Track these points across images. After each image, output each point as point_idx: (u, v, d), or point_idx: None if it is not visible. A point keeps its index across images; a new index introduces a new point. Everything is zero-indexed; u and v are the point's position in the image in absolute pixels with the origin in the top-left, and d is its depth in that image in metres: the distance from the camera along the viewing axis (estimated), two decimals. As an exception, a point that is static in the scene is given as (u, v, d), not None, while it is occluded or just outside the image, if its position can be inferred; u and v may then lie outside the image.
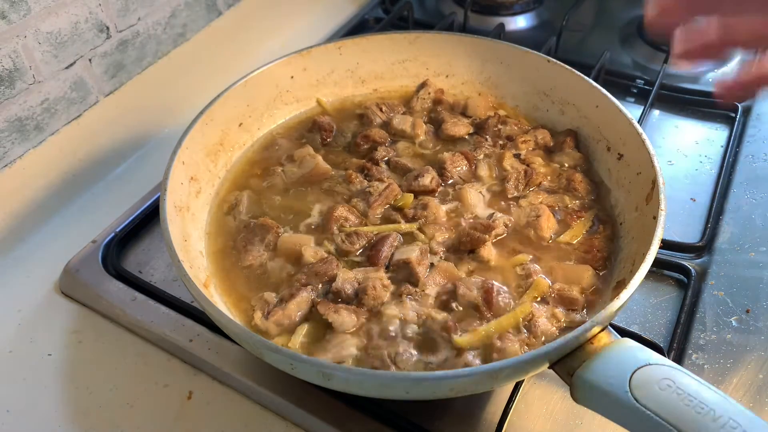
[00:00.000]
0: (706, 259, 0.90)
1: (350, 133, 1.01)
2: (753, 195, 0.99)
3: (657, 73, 1.16)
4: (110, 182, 1.07)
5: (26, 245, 0.96)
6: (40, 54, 0.95)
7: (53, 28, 0.96)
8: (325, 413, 0.73)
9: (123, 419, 0.76)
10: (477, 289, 0.74)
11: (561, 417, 0.74)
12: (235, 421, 0.76)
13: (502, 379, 0.64)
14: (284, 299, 0.74)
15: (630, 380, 0.57)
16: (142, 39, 1.11)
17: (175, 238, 0.74)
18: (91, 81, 1.04)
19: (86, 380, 0.80)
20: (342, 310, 0.73)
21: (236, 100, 0.95)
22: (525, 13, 1.41)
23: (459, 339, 0.70)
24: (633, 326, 0.82)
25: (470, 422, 0.74)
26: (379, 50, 1.06)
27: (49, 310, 0.88)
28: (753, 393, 0.75)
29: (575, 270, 0.78)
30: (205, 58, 1.22)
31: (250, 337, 0.64)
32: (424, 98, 1.05)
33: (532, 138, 0.96)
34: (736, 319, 0.83)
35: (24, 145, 0.97)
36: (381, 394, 0.64)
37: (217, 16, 1.25)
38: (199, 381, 0.80)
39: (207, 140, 0.91)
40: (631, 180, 0.84)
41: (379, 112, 1.03)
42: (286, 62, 1.00)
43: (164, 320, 0.83)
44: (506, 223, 0.84)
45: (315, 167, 0.93)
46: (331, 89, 1.06)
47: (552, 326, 0.72)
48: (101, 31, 1.03)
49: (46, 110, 0.99)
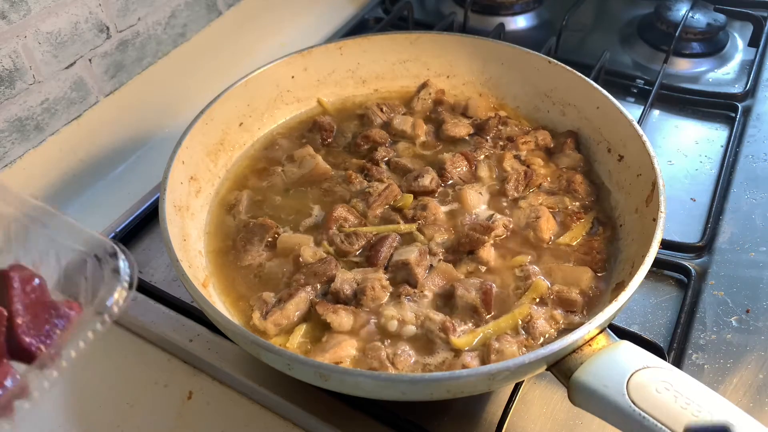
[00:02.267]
0: (706, 259, 0.90)
1: (351, 134, 1.01)
2: (753, 195, 0.98)
3: (657, 73, 1.16)
4: (110, 182, 1.07)
5: (26, 245, 0.96)
6: (40, 54, 0.95)
7: (53, 28, 0.96)
8: (325, 413, 0.73)
9: (123, 419, 0.76)
10: (476, 290, 0.74)
11: (561, 417, 0.74)
12: (235, 421, 0.76)
13: (499, 381, 0.64)
14: (283, 299, 0.74)
15: (627, 383, 0.57)
16: (142, 39, 1.11)
17: (175, 238, 0.74)
18: (91, 81, 1.04)
19: (86, 380, 0.80)
20: (340, 310, 0.73)
21: (236, 100, 0.95)
22: (525, 13, 1.40)
23: (457, 340, 0.70)
24: (633, 326, 0.82)
25: (470, 422, 0.74)
26: (379, 50, 1.06)
27: (49, 310, 0.88)
28: (753, 393, 0.75)
29: (574, 272, 0.78)
30: (205, 58, 1.22)
31: (247, 337, 0.64)
32: (425, 99, 1.05)
33: (532, 139, 0.96)
34: (736, 319, 0.83)
35: (24, 145, 0.97)
36: (378, 395, 0.64)
37: (217, 16, 1.25)
38: (199, 381, 0.80)
39: (207, 140, 0.91)
40: (632, 182, 0.84)
41: (380, 112, 1.03)
42: (287, 62, 1.00)
43: (164, 320, 0.83)
44: (506, 225, 0.84)
45: (315, 167, 0.93)
46: (331, 89, 1.06)
47: (550, 328, 0.72)
48: (101, 31, 1.03)
49: (46, 110, 0.99)
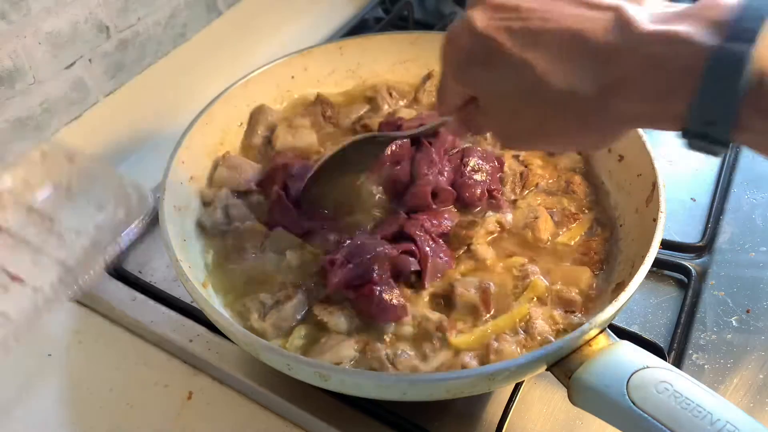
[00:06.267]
0: (706, 259, 0.90)
1: (355, 116, 1.00)
2: (753, 195, 0.98)
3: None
4: (110, 182, 1.07)
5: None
6: (40, 54, 0.95)
7: (53, 28, 0.96)
8: (325, 413, 0.73)
9: (123, 419, 0.76)
10: (475, 289, 0.74)
11: (561, 417, 0.74)
12: (235, 421, 0.76)
13: (499, 382, 0.64)
14: (280, 301, 0.74)
15: (627, 383, 0.57)
16: (142, 39, 1.10)
17: (174, 238, 0.75)
18: (91, 81, 1.04)
19: (86, 380, 0.80)
20: (337, 311, 0.73)
21: (236, 100, 0.95)
22: (525, 12, 1.40)
23: (455, 340, 0.70)
24: (633, 326, 0.81)
25: (470, 422, 0.74)
26: (380, 50, 1.06)
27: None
28: (753, 393, 0.75)
29: (573, 272, 0.78)
30: (205, 58, 1.22)
31: (247, 337, 0.64)
32: (431, 91, 1.04)
33: (532, 138, 0.96)
34: (737, 319, 0.83)
35: (24, 145, 0.97)
36: (378, 395, 0.65)
37: (217, 16, 1.24)
38: (199, 381, 0.80)
39: (207, 140, 0.91)
40: (632, 182, 0.84)
41: (389, 97, 1.02)
42: (287, 62, 1.00)
43: (164, 320, 0.83)
44: (500, 221, 0.83)
45: (309, 146, 0.93)
46: (331, 89, 1.06)
47: (549, 328, 0.72)
48: (101, 31, 1.03)
49: (46, 110, 0.99)
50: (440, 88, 0.64)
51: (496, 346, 0.69)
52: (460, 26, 0.55)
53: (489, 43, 0.52)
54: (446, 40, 0.57)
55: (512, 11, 0.52)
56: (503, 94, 0.54)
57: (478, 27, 0.53)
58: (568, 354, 0.62)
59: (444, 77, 0.62)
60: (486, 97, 0.57)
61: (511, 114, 0.55)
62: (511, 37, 0.51)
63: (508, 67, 0.52)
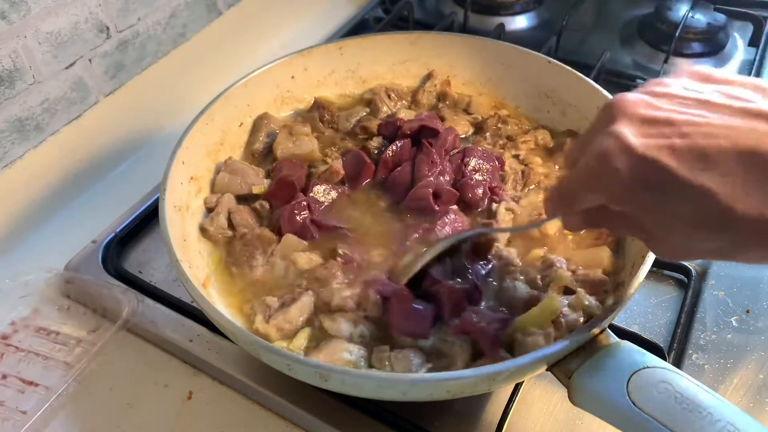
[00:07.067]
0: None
1: (354, 120, 1.00)
2: (753, 195, 0.98)
3: (657, 73, 1.16)
4: (110, 182, 1.07)
5: (26, 245, 0.96)
6: (40, 54, 0.95)
7: (53, 28, 0.96)
8: (325, 413, 0.73)
9: (123, 419, 0.76)
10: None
11: (561, 417, 0.74)
12: (235, 421, 0.76)
13: (499, 382, 0.64)
14: (286, 303, 0.74)
15: (628, 383, 0.57)
16: (142, 39, 1.11)
17: (175, 238, 0.74)
18: (91, 81, 1.04)
19: (86, 380, 0.80)
20: (339, 317, 0.72)
21: (236, 100, 0.95)
22: (525, 13, 1.40)
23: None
24: (633, 326, 0.82)
25: (470, 422, 0.74)
26: (380, 50, 1.06)
27: (49, 310, 0.88)
28: (753, 393, 0.75)
29: (592, 253, 0.78)
30: (205, 58, 1.22)
31: (247, 337, 0.64)
32: (430, 91, 1.04)
33: (532, 138, 0.96)
34: (737, 319, 0.83)
35: (24, 145, 0.97)
36: (378, 396, 0.64)
37: (217, 16, 1.25)
38: (199, 381, 0.80)
39: (207, 140, 0.91)
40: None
41: (387, 99, 1.02)
42: (287, 62, 1.00)
43: (164, 320, 0.83)
44: (510, 209, 0.84)
45: (310, 153, 0.92)
46: (332, 89, 1.06)
47: (578, 316, 0.69)
48: (101, 31, 1.03)
49: (46, 110, 0.99)
50: (565, 192, 0.56)
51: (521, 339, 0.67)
52: (612, 145, 0.48)
53: (655, 167, 0.47)
54: (597, 161, 0.49)
55: (666, 125, 0.47)
56: (679, 219, 0.48)
57: (636, 147, 0.47)
58: (568, 354, 0.62)
59: (572, 183, 0.55)
60: (656, 221, 0.51)
61: (683, 236, 0.50)
62: (678, 160, 0.46)
63: (684, 193, 0.46)
